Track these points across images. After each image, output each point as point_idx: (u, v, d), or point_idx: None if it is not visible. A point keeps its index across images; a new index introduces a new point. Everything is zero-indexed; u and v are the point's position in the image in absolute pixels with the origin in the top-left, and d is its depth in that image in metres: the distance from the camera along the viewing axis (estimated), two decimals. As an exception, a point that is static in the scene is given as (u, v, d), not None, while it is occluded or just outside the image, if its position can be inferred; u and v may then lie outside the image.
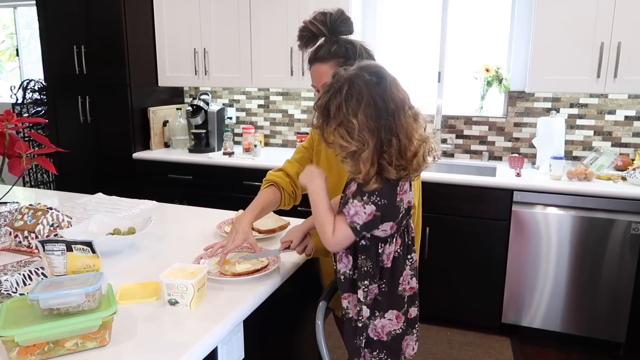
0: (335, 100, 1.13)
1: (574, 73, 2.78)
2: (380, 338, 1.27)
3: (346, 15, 1.47)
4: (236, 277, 1.36)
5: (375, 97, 1.10)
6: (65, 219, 1.67)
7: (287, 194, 1.67)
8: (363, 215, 1.14)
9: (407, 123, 1.12)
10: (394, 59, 3.52)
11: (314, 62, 1.49)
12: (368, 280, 1.24)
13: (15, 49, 5.12)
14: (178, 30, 3.57)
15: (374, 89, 1.11)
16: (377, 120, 1.10)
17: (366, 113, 1.09)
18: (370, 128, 1.09)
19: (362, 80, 1.12)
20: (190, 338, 1.09)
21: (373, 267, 1.23)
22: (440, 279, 2.90)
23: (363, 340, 1.27)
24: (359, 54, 1.44)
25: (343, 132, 1.11)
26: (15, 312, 1.04)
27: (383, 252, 1.23)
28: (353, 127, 1.10)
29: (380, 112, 1.10)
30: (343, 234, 1.18)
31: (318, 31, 1.45)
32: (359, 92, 1.11)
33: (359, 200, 1.14)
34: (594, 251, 2.60)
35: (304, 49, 1.49)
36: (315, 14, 1.46)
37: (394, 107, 1.11)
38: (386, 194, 1.15)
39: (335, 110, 1.12)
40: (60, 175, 3.76)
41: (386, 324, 1.27)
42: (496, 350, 2.74)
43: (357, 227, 1.16)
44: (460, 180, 2.79)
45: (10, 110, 1.91)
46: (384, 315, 1.26)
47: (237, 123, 3.93)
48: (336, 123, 1.12)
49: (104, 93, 3.55)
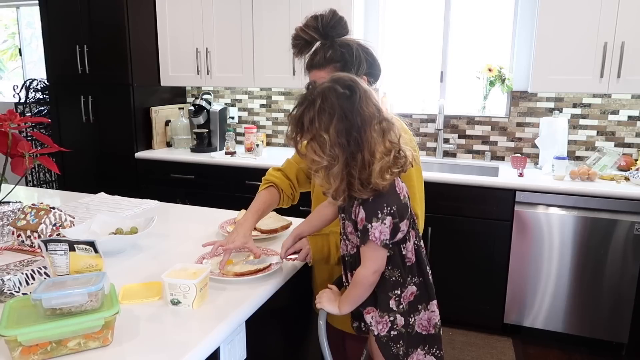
0: (308, 113, 1.12)
1: (577, 73, 2.77)
2: (429, 332, 1.27)
3: (339, 16, 1.42)
4: (238, 277, 1.36)
5: (346, 111, 1.09)
6: (67, 219, 1.67)
7: (285, 195, 1.66)
8: (387, 230, 1.14)
9: (372, 138, 1.11)
10: (396, 58, 3.51)
11: (311, 69, 1.46)
12: (399, 289, 1.22)
13: (18, 48, 5.13)
14: (180, 30, 3.58)
15: (345, 103, 1.10)
16: (347, 135, 1.09)
17: (337, 128, 1.09)
18: (341, 143, 1.09)
19: (334, 94, 1.11)
20: (192, 338, 1.09)
21: (402, 273, 1.22)
22: (442, 279, 2.87)
23: (403, 346, 1.25)
24: (356, 56, 1.41)
25: (315, 147, 1.11)
26: (18, 312, 1.04)
27: (407, 251, 1.23)
28: (325, 142, 1.09)
29: (351, 127, 1.09)
30: (379, 260, 1.18)
31: (311, 38, 1.42)
32: (331, 106, 1.10)
33: (376, 221, 1.13)
34: (597, 252, 2.59)
35: (299, 56, 1.47)
36: (307, 19, 1.43)
37: (361, 122, 1.10)
38: (392, 201, 1.15)
39: (309, 124, 1.12)
40: (63, 174, 3.77)
41: (431, 316, 1.27)
42: (498, 351, 2.73)
43: (387, 242, 1.15)
44: (462, 180, 2.78)
45: (13, 109, 1.90)
46: (427, 307, 1.27)
47: (239, 123, 3.93)
48: (309, 136, 1.12)
49: (106, 93, 3.55)
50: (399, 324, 1.24)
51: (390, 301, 1.22)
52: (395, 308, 1.23)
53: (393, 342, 1.25)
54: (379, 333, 1.24)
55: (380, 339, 1.24)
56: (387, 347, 1.25)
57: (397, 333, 1.24)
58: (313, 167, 1.14)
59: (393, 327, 1.24)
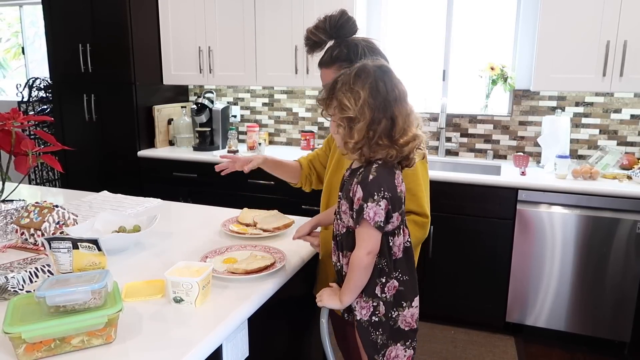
0: (343, 77, 1.23)
1: (580, 72, 2.76)
2: (412, 327, 1.31)
3: (347, 16, 1.51)
4: (240, 276, 1.37)
5: (379, 82, 1.20)
6: (71, 217, 1.68)
7: (304, 174, 1.86)
8: (382, 212, 1.19)
9: (407, 113, 1.22)
10: (399, 57, 3.51)
11: (320, 67, 1.58)
12: (385, 277, 1.26)
13: (21, 47, 5.14)
14: (183, 28, 3.58)
15: (380, 75, 1.21)
16: (376, 99, 1.19)
17: (371, 89, 1.19)
18: (370, 104, 1.18)
19: (370, 66, 1.23)
20: (195, 336, 1.09)
21: (387, 263, 1.26)
22: (444, 278, 2.90)
23: (383, 336, 1.28)
24: (361, 54, 1.50)
25: (349, 97, 1.20)
26: (22, 309, 1.04)
27: (394, 245, 1.26)
28: (358, 97, 1.19)
29: (379, 95, 1.19)
30: (372, 240, 1.21)
31: (319, 39, 1.52)
32: (367, 73, 1.21)
33: (371, 201, 1.18)
34: (599, 250, 2.59)
35: (311, 54, 1.57)
36: (317, 20, 1.52)
37: (397, 94, 1.21)
38: (390, 188, 1.20)
39: (341, 84, 1.22)
40: (66, 173, 3.78)
41: (415, 312, 1.31)
42: (500, 350, 2.73)
43: (381, 224, 1.20)
44: (464, 179, 2.78)
45: (17, 108, 1.91)
46: (412, 305, 1.30)
47: (242, 121, 3.94)
48: (342, 92, 1.21)
49: (109, 91, 3.56)
50: (381, 312, 1.27)
51: (376, 287, 1.27)
52: (379, 294, 1.27)
53: (374, 328, 1.28)
54: (361, 318, 1.28)
55: (362, 323, 1.28)
56: (366, 333, 1.29)
57: (377, 320, 1.27)
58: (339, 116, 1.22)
59: (375, 312, 1.27)
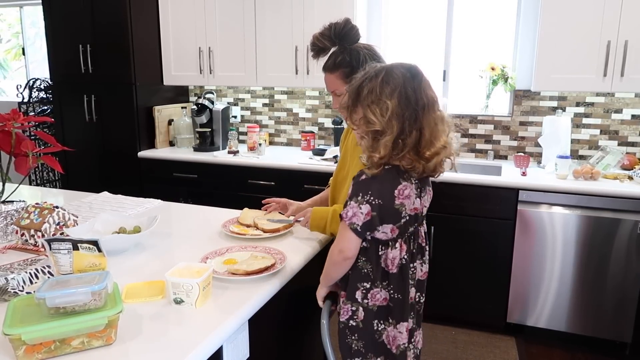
0: (370, 83, 1.17)
1: (580, 72, 2.76)
2: (391, 349, 1.28)
3: (351, 25, 1.57)
4: (241, 277, 1.36)
5: (408, 89, 1.14)
6: (71, 218, 1.68)
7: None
8: (360, 215, 1.16)
9: (435, 122, 1.15)
10: (399, 57, 3.51)
11: (324, 72, 1.63)
12: (369, 283, 1.24)
13: (21, 47, 5.14)
14: (183, 29, 3.58)
15: (408, 81, 1.15)
16: (405, 110, 1.13)
17: (399, 100, 1.13)
18: (398, 115, 1.13)
19: (398, 71, 1.16)
20: (195, 337, 1.09)
21: (374, 271, 1.23)
22: (445, 278, 2.89)
23: (359, 342, 1.26)
24: (362, 61, 1.53)
25: (375, 109, 1.14)
26: (22, 311, 1.04)
27: (386, 257, 1.23)
28: (386, 108, 1.13)
29: (409, 104, 1.13)
30: (344, 239, 1.20)
31: (324, 45, 1.57)
32: (395, 80, 1.15)
33: (355, 201, 1.17)
34: (600, 251, 2.59)
35: (316, 58, 1.62)
36: (323, 27, 1.57)
37: (425, 103, 1.15)
38: (382, 195, 1.16)
39: (367, 93, 1.16)
40: (66, 173, 3.78)
41: (397, 336, 1.27)
42: (501, 350, 2.73)
43: (357, 228, 1.17)
44: (465, 180, 2.78)
45: (17, 109, 1.91)
46: (396, 327, 1.26)
47: (242, 122, 3.94)
48: (367, 103, 1.16)
49: (109, 92, 3.56)
50: (359, 317, 1.25)
51: (357, 292, 1.25)
52: (360, 300, 1.25)
53: (350, 332, 1.27)
54: (340, 319, 1.28)
55: (340, 325, 1.29)
56: (343, 335, 1.29)
57: (354, 325, 1.26)
58: (364, 129, 1.17)
59: (353, 317, 1.26)
